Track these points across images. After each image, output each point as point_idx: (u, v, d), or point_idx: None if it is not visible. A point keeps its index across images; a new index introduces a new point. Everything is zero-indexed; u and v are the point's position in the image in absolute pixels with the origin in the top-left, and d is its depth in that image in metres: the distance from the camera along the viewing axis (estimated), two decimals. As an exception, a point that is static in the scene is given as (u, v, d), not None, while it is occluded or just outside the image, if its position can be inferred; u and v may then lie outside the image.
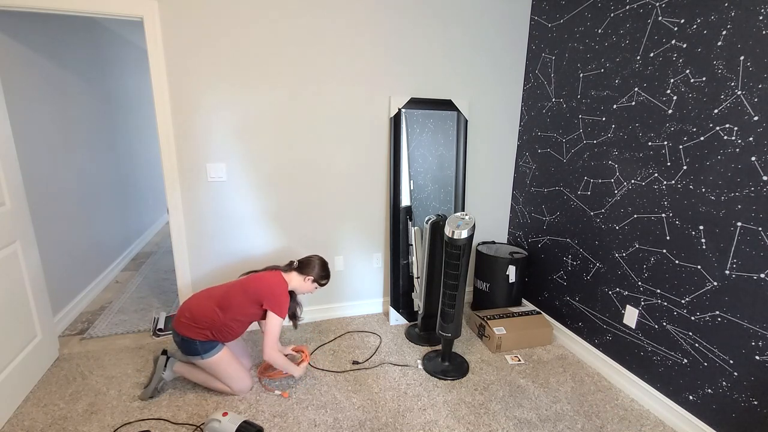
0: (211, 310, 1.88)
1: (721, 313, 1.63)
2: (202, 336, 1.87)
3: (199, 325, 1.87)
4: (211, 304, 1.90)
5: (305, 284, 2.05)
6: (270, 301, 1.90)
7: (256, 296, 1.91)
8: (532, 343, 2.47)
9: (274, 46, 2.26)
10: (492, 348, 2.41)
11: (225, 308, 1.89)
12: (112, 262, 3.48)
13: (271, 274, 2.00)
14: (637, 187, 1.96)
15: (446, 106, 2.63)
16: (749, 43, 1.47)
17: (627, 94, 1.98)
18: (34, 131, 2.39)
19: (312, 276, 2.06)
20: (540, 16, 2.56)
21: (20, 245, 1.99)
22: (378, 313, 2.88)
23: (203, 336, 1.87)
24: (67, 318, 2.65)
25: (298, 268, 2.07)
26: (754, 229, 1.50)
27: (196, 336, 1.86)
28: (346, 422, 1.84)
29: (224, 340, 1.94)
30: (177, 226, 2.34)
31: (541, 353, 2.42)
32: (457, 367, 2.24)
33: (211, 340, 1.89)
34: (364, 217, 2.69)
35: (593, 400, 2.02)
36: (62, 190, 2.68)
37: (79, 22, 3.03)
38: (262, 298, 1.91)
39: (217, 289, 1.98)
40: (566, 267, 2.47)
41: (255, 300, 1.91)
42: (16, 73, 2.25)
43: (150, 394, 1.94)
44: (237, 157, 2.35)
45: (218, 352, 1.91)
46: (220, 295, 1.93)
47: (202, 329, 1.87)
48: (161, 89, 2.14)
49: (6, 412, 1.81)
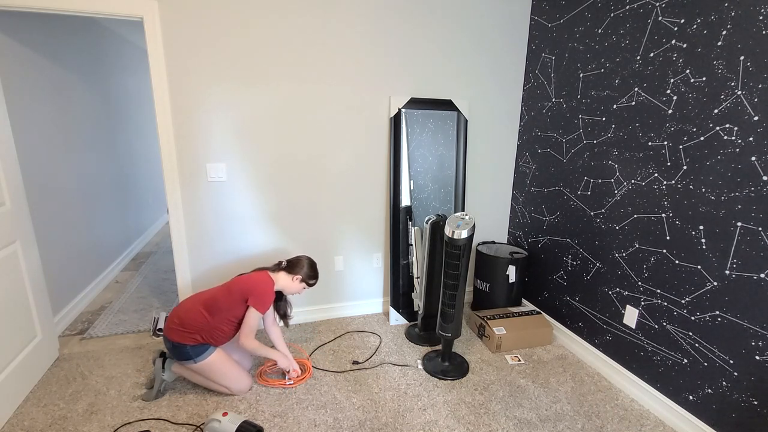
0: (199, 314, 1.89)
1: (721, 313, 1.63)
2: (192, 340, 1.87)
3: (188, 330, 1.87)
4: (199, 308, 1.91)
5: (293, 284, 2.07)
6: (253, 296, 1.91)
7: (241, 295, 1.92)
8: (532, 343, 2.47)
9: (274, 46, 2.26)
10: (492, 348, 2.41)
11: (213, 311, 1.90)
12: (112, 262, 3.48)
13: (258, 274, 2.02)
14: (637, 187, 1.96)
15: (446, 106, 2.63)
16: (749, 43, 1.47)
17: (627, 94, 1.98)
18: (34, 131, 2.39)
19: (300, 275, 2.07)
20: (540, 16, 2.56)
21: (20, 245, 1.99)
22: (378, 313, 2.88)
23: (193, 340, 1.88)
24: (67, 318, 2.65)
25: (287, 268, 2.09)
26: (754, 229, 1.50)
27: (186, 341, 1.87)
28: (346, 422, 1.84)
29: (217, 343, 1.94)
30: (177, 226, 2.34)
31: (541, 353, 2.42)
32: (457, 367, 2.24)
33: (202, 344, 1.90)
34: (364, 217, 2.69)
35: (593, 400, 2.02)
36: (62, 190, 2.68)
37: (79, 21, 3.03)
38: (246, 294, 1.92)
39: (205, 293, 1.99)
40: (566, 267, 2.47)
41: (241, 299, 1.92)
42: (16, 73, 2.25)
43: (154, 396, 1.94)
44: (237, 157, 2.35)
45: (210, 355, 1.91)
46: (207, 298, 1.94)
47: (191, 333, 1.87)
48: (161, 89, 2.14)
49: (6, 412, 1.81)
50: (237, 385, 1.96)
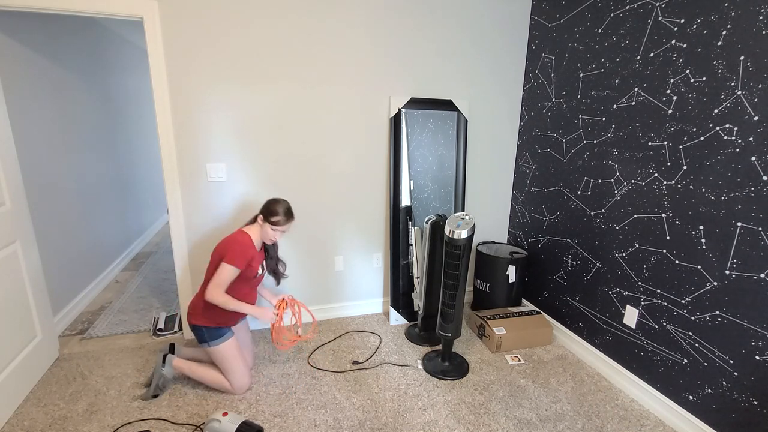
0: (200, 293, 1.95)
1: (721, 313, 1.63)
2: (205, 320, 1.93)
3: (197, 311, 1.94)
4: (201, 288, 1.97)
5: (263, 230, 1.97)
6: (228, 252, 1.86)
7: (220, 258, 1.89)
8: (532, 343, 2.47)
9: (274, 46, 2.26)
10: (492, 348, 2.41)
11: None
12: (112, 262, 3.48)
13: (233, 233, 1.97)
14: (637, 187, 1.96)
15: (446, 106, 2.63)
16: (749, 43, 1.47)
17: (627, 94, 1.98)
18: (34, 131, 2.39)
19: (262, 217, 1.95)
20: (540, 16, 2.56)
21: (20, 245, 1.99)
22: (378, 313, 2.88)
23: (205, 320, 1.92)
24: (67, 318, 2.65)
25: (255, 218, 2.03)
26: (754, 229, 1.50)
27: (200, 322, 1.93)
28: (346, 422, 1.84)
29: (227, 322, 1.97)
30: (177, 226, 2.34)
31: (541, 353, 2.42)
32: (457, 367, 2.24)
33: (217, 327, 1.94)
34: (364, 216, 2.69)
35: (593, 400, 2.02)
36: (62, 190, 2.68)
37: (79, 21, 3.03)
38: (222, 254, 1.88)
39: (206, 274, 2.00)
40: (566, 267, 2.46)
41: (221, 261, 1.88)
42: (16, 73, 2.25)
43: (153, 392, 1.94)
44: (237, 157, 2.35)
45: (225, 341, 1.95)
46: (206, 276, 1.98)
47: (202, 314, 1.93)
48: (161, 89, 2.14)
49: (6, 412, 1.81)
50: (239, 381, 1.96)
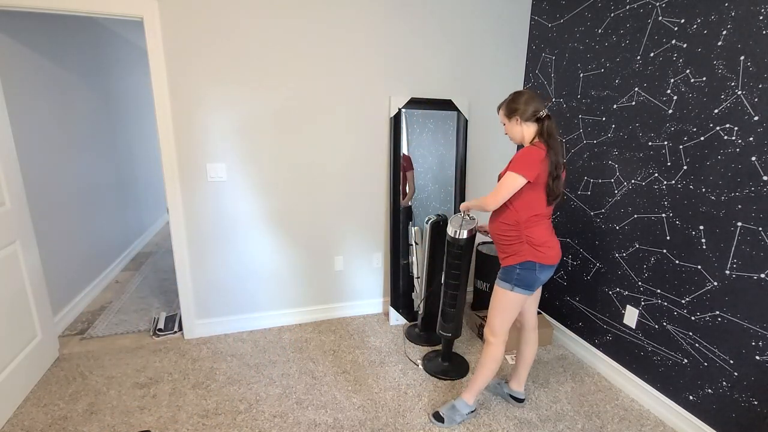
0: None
1: (722, 313, 1.63)
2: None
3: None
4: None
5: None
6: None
7: None
8: (532, 343, 2.47)
9: (274, 46, 2.26)
10: (492, 348, 2.40)
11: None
12: (112, 262, 3.48)
13: None
14: (637, 187, 1.96)
15: (446, 106, 2.63)
16: (749, 43, 1.47)
17: (627, 94, 1.98)
18: (34, 131, 2.39)
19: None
20: (540, 16, 2.56)
21: (20, 245, 1.99)
22: (378, 313, 2.88)
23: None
24: (67, 318, 2.65)
25: None
26: (754, 229, 1.50)
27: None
28: (346, 422, 1.84)
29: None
30: (177, 226, 2.34)
31: (541, 353, 2.42)
32: (457, 367, 2.24)
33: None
34: (364, 216, 2.69)
35: (593, 400, 2.02)
36: (62, 190, 2.68)
37: (79, 21, 3.03)
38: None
39: None
40: (566, 267, 2.46)
41: None
42: (16, 73, 2.24)
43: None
44: (237, 157, 2.35)
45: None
46: None
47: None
48: (161, 89, 2.14)
49: (6, 412, 1.81)
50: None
